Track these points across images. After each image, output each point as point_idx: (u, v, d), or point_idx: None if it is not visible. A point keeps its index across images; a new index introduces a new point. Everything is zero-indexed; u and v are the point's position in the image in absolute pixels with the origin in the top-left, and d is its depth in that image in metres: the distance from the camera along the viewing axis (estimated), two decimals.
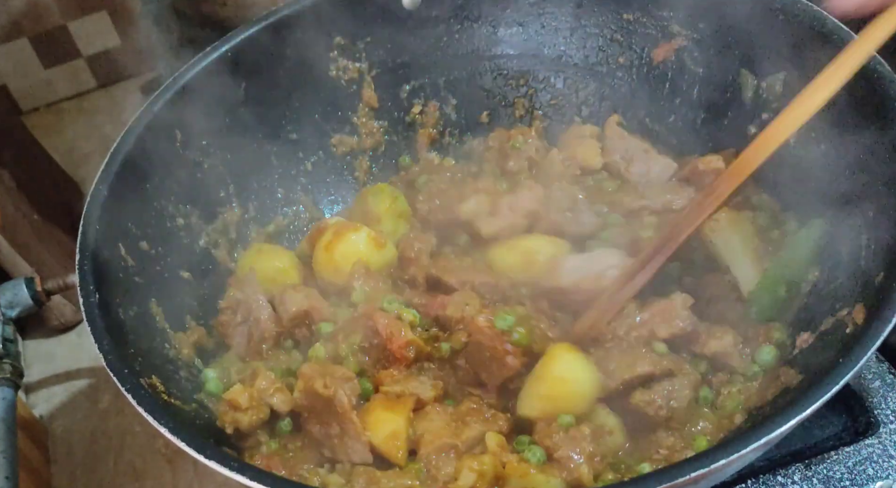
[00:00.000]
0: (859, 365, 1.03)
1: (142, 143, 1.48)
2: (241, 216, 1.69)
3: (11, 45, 2.29)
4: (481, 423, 1.28)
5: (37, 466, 1.63)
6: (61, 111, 2.46)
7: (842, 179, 1.35)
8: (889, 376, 1.45)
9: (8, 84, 2.38)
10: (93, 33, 2.35)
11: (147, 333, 1.36)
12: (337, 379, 1.29)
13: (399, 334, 1.36)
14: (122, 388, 1.15)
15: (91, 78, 2.46)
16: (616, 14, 1.74)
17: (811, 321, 1.29)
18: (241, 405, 1.29)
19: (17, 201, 1.89)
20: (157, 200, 1.52)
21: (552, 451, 1.22)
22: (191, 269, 1.55)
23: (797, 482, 1.34)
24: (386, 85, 1.85)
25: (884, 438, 1.37)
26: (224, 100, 1.64)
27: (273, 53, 1.68)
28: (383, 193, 1.68)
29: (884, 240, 1.21)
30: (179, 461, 1.64)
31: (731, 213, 1.46)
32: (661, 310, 1.33)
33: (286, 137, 1.78)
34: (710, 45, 1.60)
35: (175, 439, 1.09)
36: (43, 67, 2.38)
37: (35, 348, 1.90)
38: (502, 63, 1.87)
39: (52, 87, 2.44)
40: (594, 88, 1.83)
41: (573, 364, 1.29)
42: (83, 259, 1.30)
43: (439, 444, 1.25)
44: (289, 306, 1.45)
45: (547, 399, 1.29)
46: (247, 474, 1.03)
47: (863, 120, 1.31)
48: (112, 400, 1.77)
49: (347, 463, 1.27)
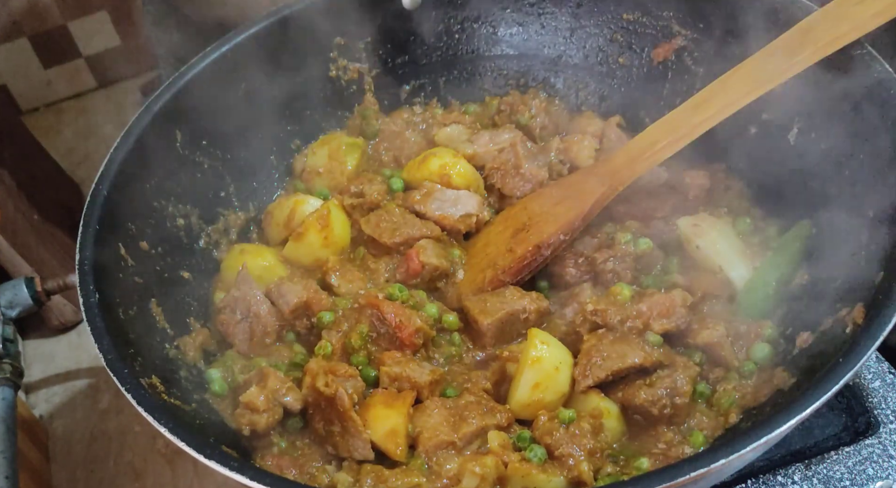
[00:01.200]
0: (859, 365, 1.03)
1: (142, 143, 1.48)
2: (241, 216, 1.69)
3: (11, 45, 2.29)
4: (480, 417, 1.28)
5: (37, 466, 1.63)
6: (61, 111, 2.46)
7: (836, 179, 1.36)
8: (889, 376, 1.45)
9: (8, 84, 2.38)
10: (93, 33, 2.35)
11: (147, 333, 1.36)
12: (339, 376, 1.30)
13: (409, 322, 1.38)
14: (122, 388, 1.15)
15: (91, 78, 2.46)
16: (616, 14, 1.75)
17: (811, 321, 1.29)
18: (258, 407, 1.30)
19: (17, 201, 1.89)
20: (157, 200, 1.52)
21: (553, 449, 1.23)
22: (191, 269, 1.56)
23: (797, 482, 1.34)
24: (386, 85, 1.85)
25: (884, 438, 1.38)
26: (224, 100, 1.64)
27: (273, 53, 1.69)
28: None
29: (884, 239, 1.21)
30: (179, 461, 1.64)
31: (710, 219, 1.50)
32: (660, 304, 1.35)
33: (286, 137, 1.78)
34: (709, 44, 1.60)
35: (175, 439, 1.09)
36: (43, 67, 2.38)
37: (35, 348, 1.90)
38: (502, 63, 1.87)
39: (52, 87, 2.44)
40: (594, 88, 1.83)
41: (546, 344, 1.33)
42: (83, 259, 1.30)
43: (437, 441, 1.25)
44: (289, 298, 1.46)
45: (534, 386, 1.31)
46: (246, 474, 1.03)
47: (862, 119, 1.31)
48: (112, 400, 1.77)
49: (354, 461, 1.28)
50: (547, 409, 1.30)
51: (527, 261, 1.49)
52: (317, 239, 1.57)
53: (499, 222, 1.59)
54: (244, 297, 1.47)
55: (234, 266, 1.55)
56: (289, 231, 1.62)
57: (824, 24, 1.31)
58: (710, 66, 1.61)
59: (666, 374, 1.29)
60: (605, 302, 1.38)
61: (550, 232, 1.48)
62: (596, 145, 1.67)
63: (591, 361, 1.31)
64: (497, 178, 1.63)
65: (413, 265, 1.49)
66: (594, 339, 1.34)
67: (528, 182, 1.61)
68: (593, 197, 1.48)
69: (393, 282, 1.50)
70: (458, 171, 1.63)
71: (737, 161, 1.58)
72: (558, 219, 1.49)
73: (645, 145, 1.48)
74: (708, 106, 1.41)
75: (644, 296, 1.38)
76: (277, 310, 1.47)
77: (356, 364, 1.38)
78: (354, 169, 1.72)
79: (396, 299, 1.43)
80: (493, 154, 1.66)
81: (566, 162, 1.66)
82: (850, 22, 1.27)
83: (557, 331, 1.43)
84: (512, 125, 1.74)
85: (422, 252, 1.50)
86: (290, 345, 1.47)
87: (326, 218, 1.57)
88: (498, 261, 1.51)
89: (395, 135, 1.77)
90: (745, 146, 1.54)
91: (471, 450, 1.27)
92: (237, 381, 1.39)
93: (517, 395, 1.32)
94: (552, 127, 1.76)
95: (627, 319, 1.35)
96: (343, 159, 1.71)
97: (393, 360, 1.36)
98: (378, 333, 1.42)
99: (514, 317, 1.43)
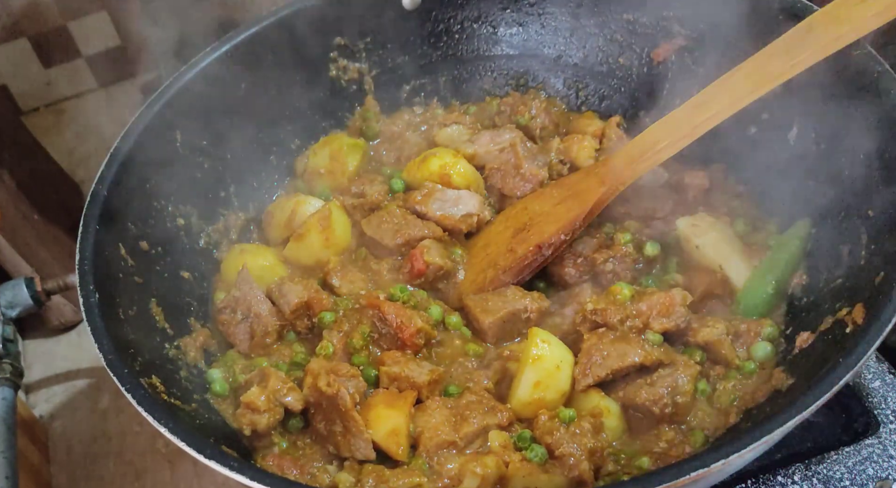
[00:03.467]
0: (859, 365, 1.03)
1: (142, 143, 1.49)
2: (241, 216, 1.69)
3: (11, 45, 2.28)
4: (481, 417, 1.28)
5: (37, 466, 1.63)
6: (61, 111, 2.46)
7: (836, 179, 1.36)
8: (889, 376, 1.45)
9: (8, 84, 2.37)
10: (93, 33, 2.35)
11: (147, 333, 1.36)
12: (341, 376, 1.30)
13: (410, 323, 1.38)
14: (122, 388, 1.15)
15: (91, 78, 2.46)
16: (616, 14, 1.74)
17: (811, 321, 1.29)
18: (258, 407, 1.30)
19: (17, 201, 1.89)
20: (157, 200, 1.52)
21: (554, 449, 1.23)
22: (191, 269, 1.56)
23: (797, 482, 1.34)
24: (386, 85, 1.85)
25: (884, 438, 1.38)
26: (224, 100, 1.64)
27: (273, 54, 1.69)
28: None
29: (884, 239, 1.21)
30: (179, 461, 1.64)
31: (709, 218, 1.51)
32: (660, 303, 1.35)
33: (286, 137, 1.78)
34: (710, 44, 1.60)
35: (175, 439, 1.09)
36: (43, 67, 2.37)
37: (35, 348, 1.90)
38: (502, 63, 1.87)
39: (52, 87, 2.43)
40: (594, 88, 1.83)
41: (546, 342, 1.34)
42: (83, 259, 1.30)
43: (438, 441, 1.26)
44: (290, 298, 1.46)
45: (534, 385, 1.31)
46: (246, 474, 1.03)
47: (862, 119, 1.31)
48: (112, 400, 1.77)
49: (355, 461, 1.28)
50: (548, 408, 1.30)
51: (527, 261, 1.49)
52: (318, 239, 1.57)
53: (499, 222, 1.60)
54: (245, 297, 1.47)
55: (234, 266, 1.55)
56: (290, 231, 1.62)
57: (825, 25, 1.31)
58: (710, 67, 1.61)
59: (667, 373, 1.30)
60: (605, 301, 1.38)
61: (551, 232, 1.48)
62: (596, 145, 1.67)
63: (592, 360, 1.31)
64: (497, 178, 1.63)
65: (418, 265, 1.50)
66: (594, 338, 1.34)
67: (528, 182, 1.61)
68: (594, 197, 1.48)
69: (398, 283, 1.51)
70: (458, 171, 1.63)
71: (736, 161, 1.58)
72: (559, 219, 1.49)
73: (646, 145, 1.48)
74: (709, 106, 1.41)
75: (644, 295, 1.38)
76: (278, 309, 1.47)
77: (357, 364, 1.38)
78: (356, 170, 1.72)
79: (397, 300, 1.43)
80: (494, 154, 1.66)
81: (566, 162, 1.66)
82: (851, 22, 1.27)
83: (558, 330, 1.44)
84: (512, 125, 1.74)
85: (426, 252, 1.50)
86: (291, 345, 1.47)
87: (328, 218, 1.57)
88: (499, 260, 1.52)
89: (395, 137, 1.77)
90: (745, 146, 1.54)
91: (472, 450, 1.27)
92: (238, 381, 1.39)
93: (518, 394, 1.32)
94: (552, 127, 1.76)
95: (627, 318, 1.35)
96: (344, 160, 1.71)
97: (392, 360, 1.36)
98: (379, 333, 1.42)
99: (515, 317, 1.43)
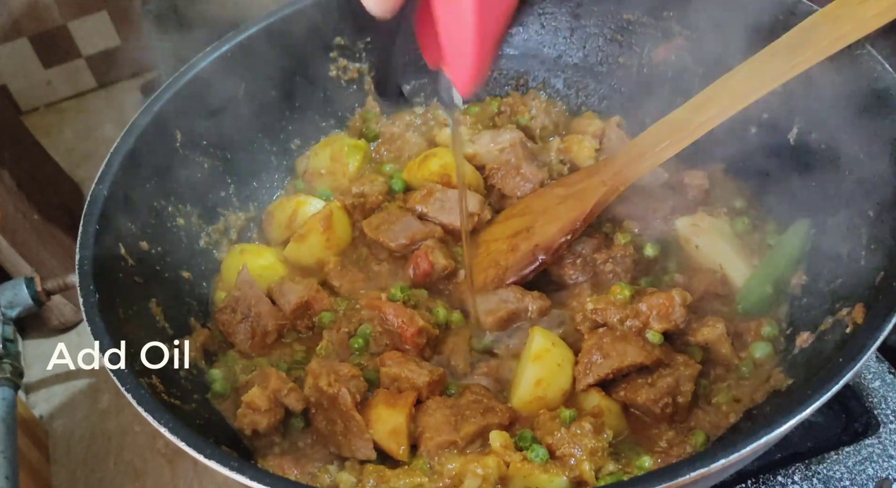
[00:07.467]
0: (859, 365, 1.03)
1: (142, 143, 1.49)
2: (241, 216, 1.69)
3: (11, 45, 2.29)
4: (481, 416, 1.28)
5: (37, 466, 1.63)
6: (61, 111, 2.46)
7: (836, 179, 1.36)
8: (889, 376, 1.45)
9: (8, 84, 2.38)
10: (93, 33, 2.35)
11: (147, 333, 1.36)
12: (342, 376, 1.30)
13: (411, 322, 1.38)
14: (122, 388, 1.15)
15: (91, 78, 2.46)
16: (616, 14, 1.74)
17: (811, 321, 1.29)
18: (260, 407, 1.30)
19: (17, 201, 1.89)
20: (157, 200, 1.52)
21: (554, 449, 1.23)
22: (191, 269, 1.56)
23: (797, 482, 1.34)
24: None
25: (884, 438, 1.38)
26: (224, 100, 1.64)
27: (273, 53, 1.68)
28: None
29: (884, 239, 1.21)
30: (179, 461, 1.64)
31: (709, 218, 1.51)
32: (659, 303, 1.35)
33: (286, 137, 1.78)
34: (710, 44, 1.60)
35: (175, 439, 1.09)
36: (43, 67, 2.38)
37: (35, 348, 1.90)
38: (502, 63, 1.87)
39: (52, 87, 2.44)
40: (594, 88, 1.83)
41: (548, 341, 1.34)
42: (83, 259, 1.30)
43: (439, 441, 1.25)
44: (290, 298, 1.46)
45: (536, 383, 1.31)
46: (247, 474, 1.03)
47: (862, 119, 1.31)
48: (112, 400, 1.77)
49: (356, 461, 1.28)
50: (549, 406, 1.30)
51: (528, 261, 1.49)
52: (319, 240, 1.57)
53: (500, 222, 1.60)
54: (245, 297, 1.47)
55: (235, 266, 1.55)
56: (290, 231, 1.63)
57: (826, 25, 1.31)
58: (711, 67, 1.61)
59: (668, 373, 1.30)
60: (605, 301, 1.38)
61: (552, 232, 1.48)
62: (596, 145, 1.67)
63: (592, 359, 1.31)
64: (497, 178, 1.63)
65: (423, 266, 1.49)
66: (595, 338, 1.34)
67: (528, 182, 1.61)
68: (595, 197, 1.48)
69: (403, 284, 1.50)
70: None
71: (736, 161, 1.58)
72: (560, 219, 1.49)
73: (646, 145, 1.48)
74: (709, 106, 1.41)
75: (643, 295, 1.38)
76: (279, 309, 1.47)
77: (358, 364, 1.38)
78: (356, 170, 1.72)
79: (398, 300, 1.43)
80: (494, 154, 1.66)
81: (566, 162, 1.66)
82: (852, 22, 1.27)
83: (558, 329, 1.44)
84: (512, 125, 1.74)
85: (430, 252, 1.50)
86: (291, 345, 1.47)
87: (329, 219, 1.57)
88: (500, 260, 1.52)
89: (396, 137, 1.77)
90: (745, 146, 1.54)
91: (472, 450, 1.27)
92: (239, 381, 1.39)
93: (519, 392, 1.32)
94: (552, 127, 1.76)
95: (627, 318, 1.35)
96: (345, 161, 1.71)
97: (392, 361, 1.36)
98: (380, 333, 1.42)
99: (515, 316, 1.43)
